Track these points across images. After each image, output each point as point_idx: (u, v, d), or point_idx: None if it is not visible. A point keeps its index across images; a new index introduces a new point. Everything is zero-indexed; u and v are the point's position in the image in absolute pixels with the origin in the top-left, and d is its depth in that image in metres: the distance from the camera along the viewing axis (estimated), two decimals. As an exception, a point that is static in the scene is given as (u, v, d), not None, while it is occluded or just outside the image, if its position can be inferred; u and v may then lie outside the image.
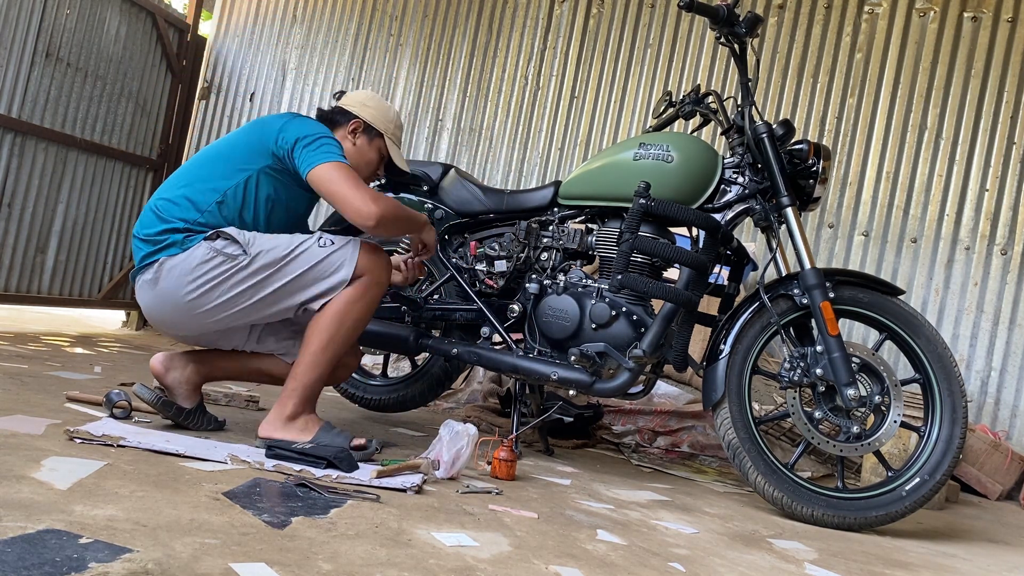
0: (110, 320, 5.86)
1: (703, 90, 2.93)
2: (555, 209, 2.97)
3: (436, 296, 3.11)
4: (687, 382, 3.76)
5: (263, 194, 2.43)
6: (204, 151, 2.53)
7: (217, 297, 2.34)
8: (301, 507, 1.82)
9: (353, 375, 3.32)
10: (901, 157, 4.44)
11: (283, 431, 2.37)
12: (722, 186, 2.76)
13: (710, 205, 2.74)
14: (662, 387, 3.64)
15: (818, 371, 2.56)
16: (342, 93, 2.69)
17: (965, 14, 4.39)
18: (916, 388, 3.41)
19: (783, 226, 2.69)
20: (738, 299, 2.83)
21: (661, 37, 4.90)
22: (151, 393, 2.41)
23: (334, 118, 2.60)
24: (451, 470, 2.31)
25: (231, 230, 2.36)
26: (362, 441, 2.40)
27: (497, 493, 2.26)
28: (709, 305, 3.22)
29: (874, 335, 3.76)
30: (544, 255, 2.92)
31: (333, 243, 2.40)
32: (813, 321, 2.63)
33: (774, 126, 2.68)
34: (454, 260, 3.05)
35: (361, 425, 3.08)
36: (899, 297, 2.66)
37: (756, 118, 2.72)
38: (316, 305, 2.40)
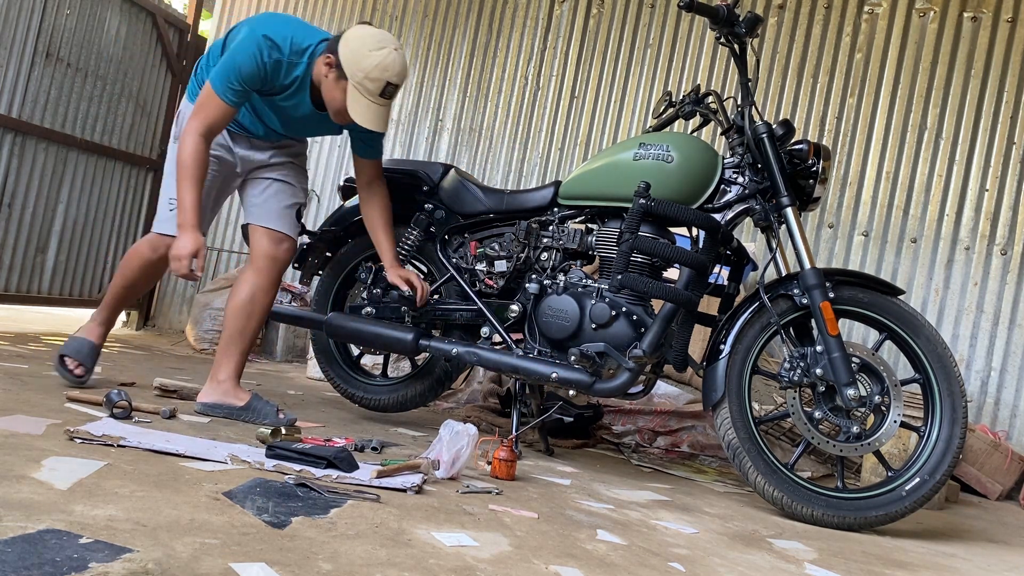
0: (110, 320, 5.85)
1: (703, 90, 2.93)
2: (555, 209, 2.97)
3: (436, 296, 3.11)
4: (687, 382, 3.76)
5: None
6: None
7: None
8: (301, 507, 1.82)
9: (353, 374, 3.32)
10: (901, 157, 4.43)
11: (221, 397, 2.70)
12: (722, 186, 2.76)
13: (710, 205, 2.74)
14: (662, 387, 3.64)
15: (818, 371, 2.56)
16: (368, 24, 2.63)
17: (965, 14, 4.39)
18: (916, 388, 3.41)
19: (783, 226, 2.68)
20: (738, 299, 2.82)
21: (661, 37, 4.90)
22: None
23: (329, 42, 2.58)
24: (451, 470, 2.31)
25: None
26: (283, 415, 2.65)
27: (497, 493, 2.26)
28: (709, 305, 3.22)
29: (874, 335, 3.75)
30: (544, 255, 2.92)
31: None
32: (813, 321, 2.63)
33: (774, 126, 2.68)
34: (454, 260, 3.05)
35: (361, 425, 3.08)
36: (899, 297, 2.66)
37: (756, 118, 2.72)
38: None
